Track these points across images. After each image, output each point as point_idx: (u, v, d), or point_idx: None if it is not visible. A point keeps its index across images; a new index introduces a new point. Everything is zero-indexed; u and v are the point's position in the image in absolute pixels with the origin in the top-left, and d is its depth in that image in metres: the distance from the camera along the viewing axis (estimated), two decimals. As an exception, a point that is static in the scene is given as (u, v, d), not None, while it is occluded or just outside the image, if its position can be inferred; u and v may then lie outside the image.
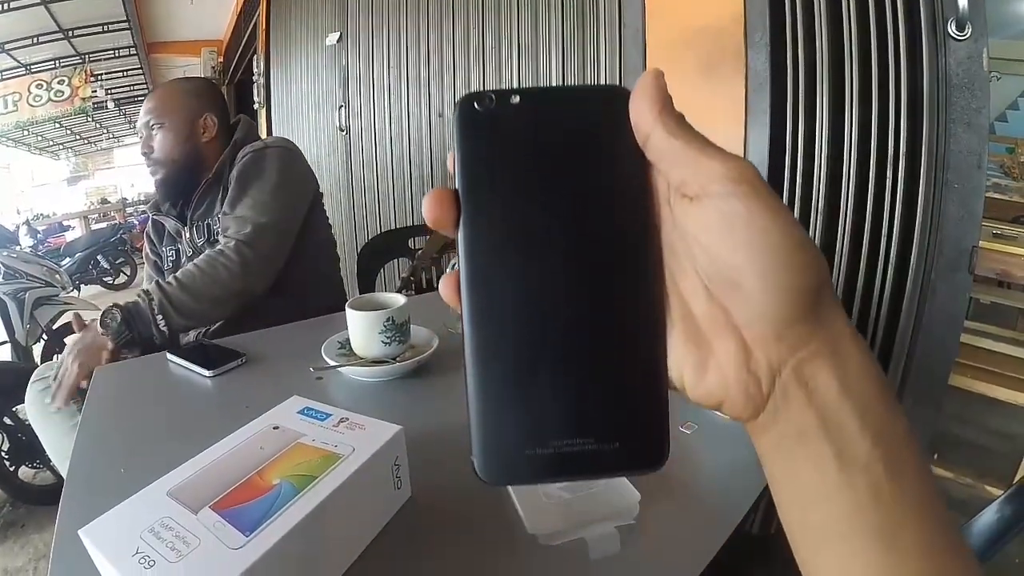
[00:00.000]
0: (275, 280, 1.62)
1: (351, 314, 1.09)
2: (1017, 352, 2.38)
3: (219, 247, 1.55)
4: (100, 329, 1.36)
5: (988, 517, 1.05)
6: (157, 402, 1.11)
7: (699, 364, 0.29)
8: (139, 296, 1.45)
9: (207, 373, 1.15)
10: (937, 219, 1.46)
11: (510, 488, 0.73)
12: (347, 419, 0.72)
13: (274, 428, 0.71)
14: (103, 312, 1.41)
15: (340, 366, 1.10)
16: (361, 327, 1.09)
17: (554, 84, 2.18)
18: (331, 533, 0.61)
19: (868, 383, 0.28)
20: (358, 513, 0.66)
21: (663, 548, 0.67)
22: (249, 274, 1.54)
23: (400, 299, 1.13)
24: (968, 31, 1.35)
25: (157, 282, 1.50)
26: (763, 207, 0.27)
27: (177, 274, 1.51)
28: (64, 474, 0.89)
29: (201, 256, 1.55)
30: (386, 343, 1.09)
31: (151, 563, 0.51)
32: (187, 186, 1.72)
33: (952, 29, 1.36)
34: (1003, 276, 2.78)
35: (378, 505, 0.70)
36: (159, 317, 1.39)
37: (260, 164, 1.66)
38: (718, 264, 0.28)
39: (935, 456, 2.30)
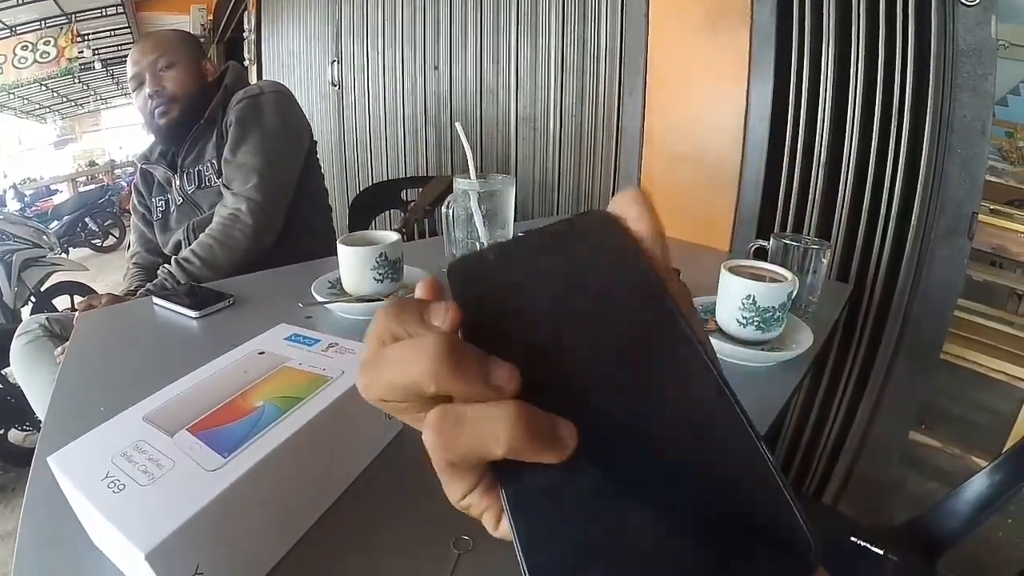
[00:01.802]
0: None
1: (343, 250, 1.06)
2: (1008, 329, 2.39)
3: (231, 211, 1.56)
4: None
5: (978, 483, 1.05)
6: (141, 344, 1.08)
7: None
8: (165, 278, 1.49)
9: (193, 314, 1.12)
10: (939, 182, 1.44)
11: None
12: (336, 344, 0.69)
13: (259, 353, 0.68)
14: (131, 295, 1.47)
15: (330, 302, 1.07)
16: (353, 263, 1.06)
17: (551, 60, 2.18)
18: (318, 458, 0.58)
19: None
20: (346, 439, 0.63)
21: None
22: (263, 232, 1.58)
23: (393, 236, 1.10)
24: (978, -3, 1.33)
25: (177, 261, 1.52)
26: None
27: (195, 248, 1.53)
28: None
29: (215, 224, 1.57)
30: (378, 280, 1.06)
31: (121, 487, 0.48)
32: (185, 130, 1.69)
33: (962, -6, 1.34)
34: (999, 251, 2.78)
35: (368, 433, 0.67)
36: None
37: (258, 109, 1.66)
38: None
39: (923, 427, 2.31)
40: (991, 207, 2.72)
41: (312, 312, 1.09)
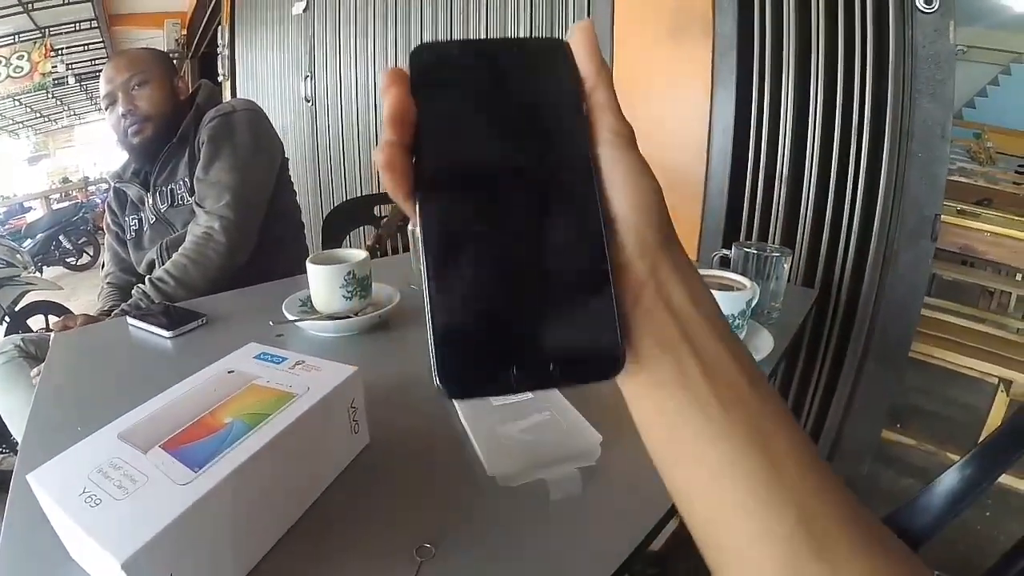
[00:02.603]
0: None
1: (312, 268, 1.08)
2: (979, 326, 2.43)
3: (204, 229, 1.57)
4: None
5: (950, 478, 1.07)
6: (116, 364, 1.09)
7: None
8: (139, 298, 1.49)
9: (166, 334, 1.13)
10: (900, 187, 1.48)
11: (469, 430, 0.73)
12: (303, 362, 0.71)
13: (229, 372, 0.70)
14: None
15: (300, 320, 1.09)
16: (322, 281, 1.08)
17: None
18: (285, 472, 0.60)
19: (711, 300, 0.32)
20: (314, 453, 0.65)
21: (625, 491, 0.67)
22: (236, 250, 1.58)
23: (361, 253, 1.12)
24: (936, 5, 1.36)
25: (151, 280, 1.52)
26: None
27: (169, 268, 1.53)
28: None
29: (188, 243, 1.57)
30: (347, 297, 1.08)
31: (97, 501, 0.49)
32: (158, 149, 1.69)
33: (920, 2, 1.37)
34: (965, 250, 2.83)
35: (335, 447, 0.69)
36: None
37: (231, 127, 1.66)
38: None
39: (898, 425, 2.35)
40: (958, 207, 2.77)
41: (283, 330, 1.11)
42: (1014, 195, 3.50)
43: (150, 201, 1.72)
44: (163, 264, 1.58)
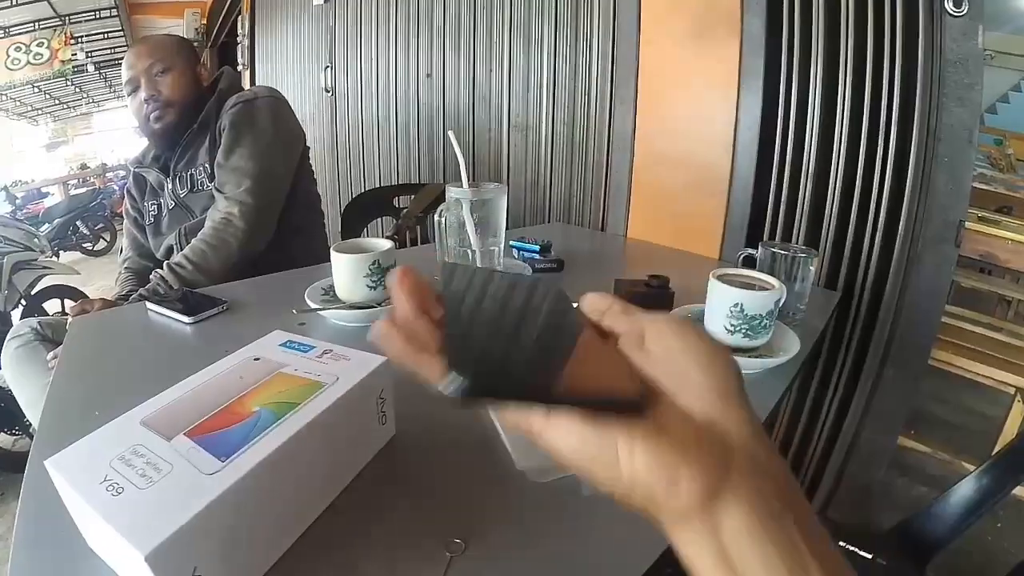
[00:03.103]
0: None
1: (336, 257, 1.07)
2: (996, 335, 2.41)
3: (223, 215, 1.57)
4: None
5: (966, 487, 1.06)
6: (135, 349, 1.09)
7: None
8: (157, 283, 1.49)
9: (187, 320, 1.12)
10: (926, 191, 1.46)
11: (498, 425, 0.72)
12: (331, 351, 0.70)
13: (255, 360, 0.69)
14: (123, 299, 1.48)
15: (323, 309, 1.08)
16: (346, 270, 1.07)
17: (544, 69, 2.20)
18: (312, 463, 0.59)
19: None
20: (341, 444, 0.64)
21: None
22: (255, 236, 1.58)
23: (386, 243, 1.11)
24: (965, 8, 1.34)
25: (170, 265, 1.52)
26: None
27: (188, 253, 1.54)
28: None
29: (207, 228, 1.57)
30: (371, 287, 1.07)
31: (120, 490, 0.48)
32: (179, 135, 1.69)
33: (949, 5, 1.35)
34: (987, 258, 2.80)
35: (362, 438, 0.68)
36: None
37: (252, 114, 1.66)
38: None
39: (912, 432, 2.33)
40: (979, 214, 2.74)
41: (305, 319, 1.10)
42: (1035, 203, 3.46)
43: (169, 187, 1.72)
44: (181, 250, 1.58)
